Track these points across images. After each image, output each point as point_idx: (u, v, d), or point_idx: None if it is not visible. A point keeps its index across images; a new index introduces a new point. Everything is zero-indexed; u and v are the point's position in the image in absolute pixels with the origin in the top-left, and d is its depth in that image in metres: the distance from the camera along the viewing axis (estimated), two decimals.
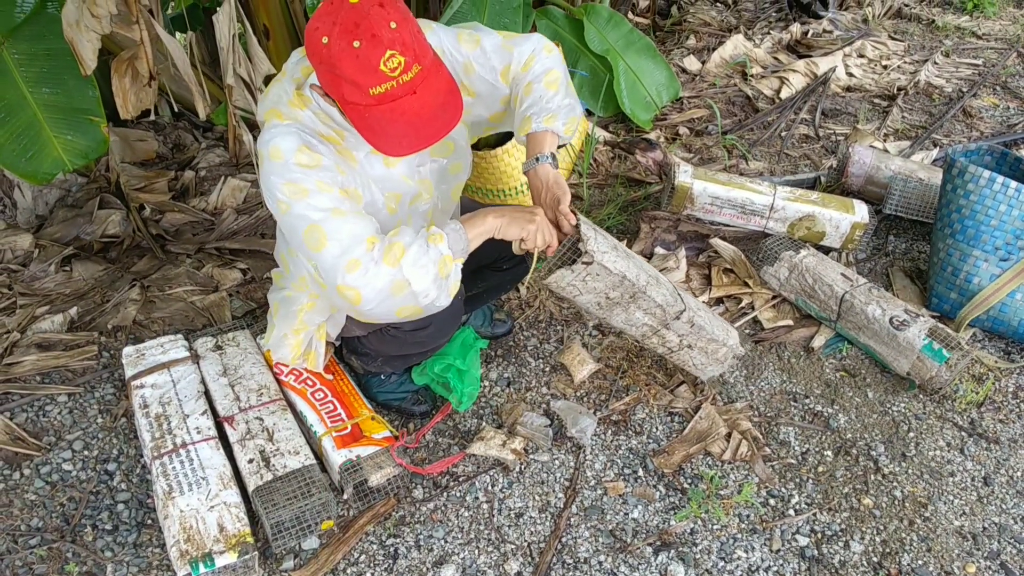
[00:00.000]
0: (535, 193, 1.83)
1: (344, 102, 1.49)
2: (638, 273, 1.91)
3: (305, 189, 1.56)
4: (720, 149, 3.48)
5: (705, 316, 2.11)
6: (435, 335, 1.92)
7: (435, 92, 1.51)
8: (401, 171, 1.79)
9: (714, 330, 2.11)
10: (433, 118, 1.51)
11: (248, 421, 1.98)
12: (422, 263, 1.58)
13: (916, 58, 4.52)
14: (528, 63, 1.83)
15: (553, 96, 1.80)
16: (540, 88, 1.80)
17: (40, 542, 1.83)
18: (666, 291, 2.00)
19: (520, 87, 1.83)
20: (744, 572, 1.82)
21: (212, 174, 3.23)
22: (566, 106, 1.83)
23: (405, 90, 1.47)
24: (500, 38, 1.83)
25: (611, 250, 1.85)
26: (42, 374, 2.27)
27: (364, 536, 1.87)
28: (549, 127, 1.79)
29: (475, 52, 1.80)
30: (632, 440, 2.13)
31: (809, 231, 2.70)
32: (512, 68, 1.83)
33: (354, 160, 1.69)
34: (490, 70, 1.82)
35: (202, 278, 2.67)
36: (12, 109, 2.33)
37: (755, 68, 4.26)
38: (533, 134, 1.80)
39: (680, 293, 2.06)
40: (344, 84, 1.45)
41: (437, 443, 2.11)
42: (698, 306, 2.13)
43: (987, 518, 1.95)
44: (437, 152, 1.88)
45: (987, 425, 2.19)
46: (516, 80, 1.84)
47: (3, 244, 2.76)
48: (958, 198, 2.41)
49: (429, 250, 1.60)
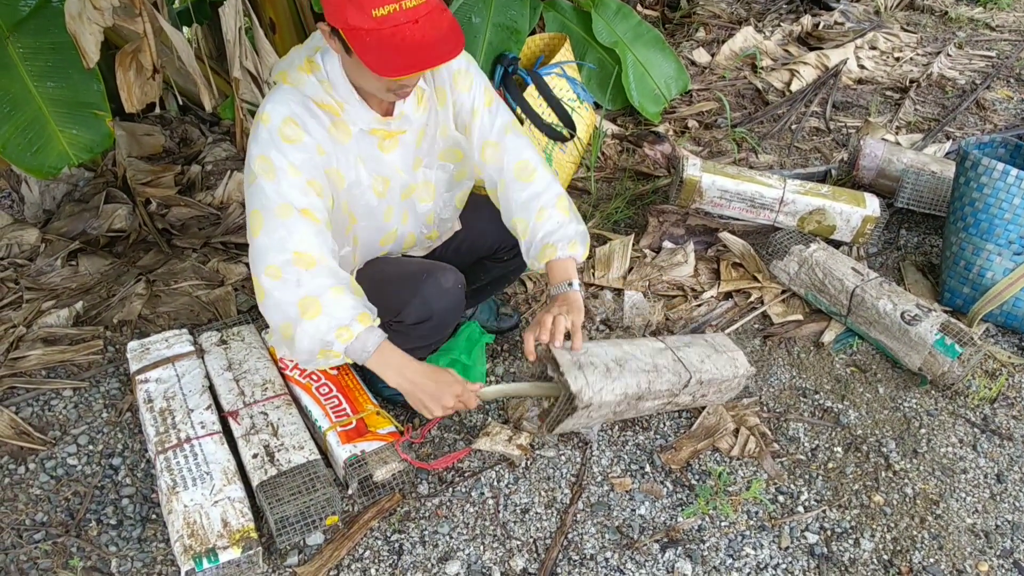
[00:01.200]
0: (556, 303, 1.86)
1: (347, 28, 1.48)
2: (637, 380, 1.87)
3: (275, 169, 1.61)
4: (729, 142, 3.44)
5: (710, 364, 2.00)
6: (438, 327, 1.91)
7: (436, 26, 1.50)
8: (395, 159, 1.79)
9: (722, 371, 2.01)
10: (432, 47, 1.49)
11: (252, 416, 1.97)
12: (313, 337, 1.61)
13: (929, 50, 4.47)
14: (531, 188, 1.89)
15: (568, 222, 1.88)
16: (555, 214, 1.87)
17: (45, 537, 1.83)
18: (668, 372, 1.93)
19: (531, 212, 1.87)
20: (752, 570, 1.80)
21: (218, 168, 3.22)
22: (582, 232, 1.91)
23: (407, 16, 1.46)
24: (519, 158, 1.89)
25: (603, 377, 1.82)
26: (48, 368, 2.27)
27: (369, 532, 1.86)
28: (573, 254, 1.88)
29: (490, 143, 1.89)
30: (639, 436, 2.10)
31: (819, 225, 2.67)
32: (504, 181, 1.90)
33: (348, 134, 1.70)
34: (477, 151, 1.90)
35: (208, 272, 2.66)
36: (17, 103, 2.32)
37: (765, 60, 4.22)
38: (557, 262, 1.87)
39: (681, 359, 1.97)
40: (348, 6, 1.45)
41: (442, 438, 2.10)
42: (700, 359, 2.00)
43: (1000, 516, 1.92)
44: (445, 158, 1.89)
45: (1000, 421, 2.16)
46: (517, 199, 1.89)
47: (10, 239, 2.76)
48: (971, 191, 2.38)
49: (331, 339, 1.62)
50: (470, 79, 1.84)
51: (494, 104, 1.89)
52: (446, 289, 1.84)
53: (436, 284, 1.82)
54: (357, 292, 1.71)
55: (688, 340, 2.08)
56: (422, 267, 1.88)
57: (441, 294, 1.83)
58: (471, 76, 1.84)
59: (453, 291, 1.86)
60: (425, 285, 1.82)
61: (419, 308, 1.82)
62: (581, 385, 1.78)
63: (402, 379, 1.70)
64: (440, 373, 1.75)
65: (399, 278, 1.86)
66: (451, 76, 1.81)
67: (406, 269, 1.90)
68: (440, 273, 1.85)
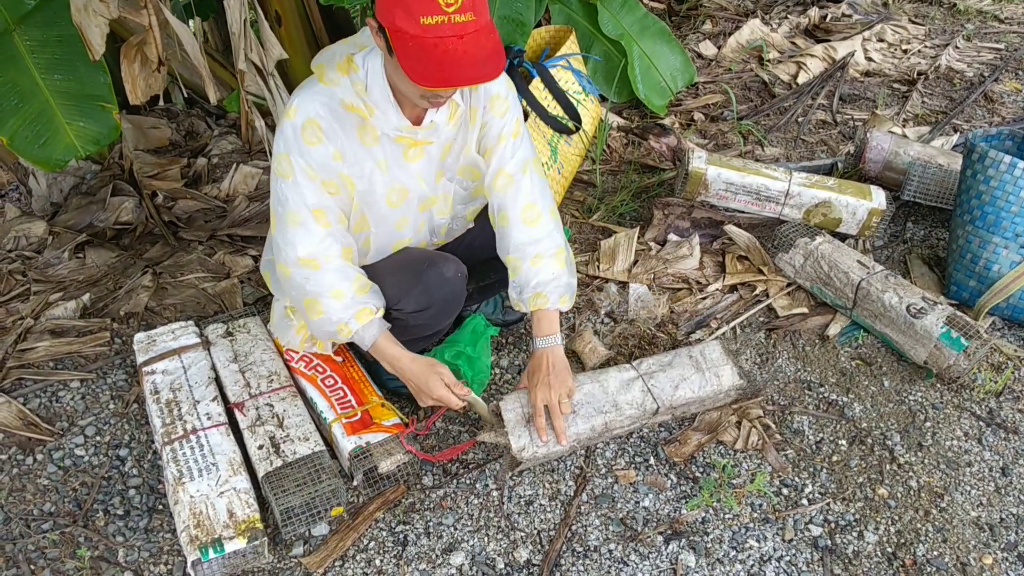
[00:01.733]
0: (540, 370, 1.87)
1: (393, 29, 1.49)
2: (591, 425, 1.90)
3: (291, 171, 1.70)
4: (735, 135, 3.43)
5: (686, 388, 2.00)
6: (437, 316, 1.93)
7: (480, 46, 1.51)
8: (419, 168, 1.81)
9: (701, 392, 2.00)
10: (471, 65, 1.51)
11: (258, 407, 1.98)
12: (320, 331, 1.84)
13: (937, 42, 4.44)
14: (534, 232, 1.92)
15: (562, 275, 1.92)
16: (551, 264, 1.91)
17: (52, 527, 1.85)
18: (631, 408, 1.94)
19: (527, 257, 1.91)
20: (756, 562, 1.80)
21: (224, 161, 3.23)
22: (573, 287, 1.96)
23: (454, 31, 1.47)
24: (528, 203, 1.92)
25: (550, 429, 1.86)
26: (55, 360, 2.28)
27: (374, 523, 1.87)
28: (561, 307, 1.92)
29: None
30: (643, 429, 2.11)
31: (825, 218, 2.66)
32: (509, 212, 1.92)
33: (376, 139, 1.73)
34: (490, 177, 1.92)
35: (214, 265, 2.67)
36: (24, 95, 2.33)
37: (772, 53, 4.20)
38: (546, 312, 1.90)
39: (651, 388, 1.98)
40: (398, 8, 1.46)
41: (447, 430, 2.10)
42: (675, 385, 2.00)
43: (1005, 509, 1.92)
44: (464, 174, 1.92)
45: (1006, 415, 2.16)
46: (518, 240, 1.92)
47: (18, 231, 2.78)
48: (978, 184, 2.37)
49: (334, 331, 1.79)
50: (507, 106, 1.86)
51: (520, 137, 1.91)
52: (447, 278, 1.86)
53: (438, 273, 1.85)
54: (361, 288, 1.77)
55: (669, 360, 2.07)
56: (424, 256, 1.90)
57: (442, 283, 1.86)
58: (508, 104, 1.87)
59: (454, 280, 1.88)
60: (426, 274, 1.84)
61: (419, 296, 1.85)
62: (524, 443, 1.84)
63: (396, 370, 1.83)
64: (429, 372, 1.80)
65: (401, 267, 1.88)
66: (488, 99, 1.83)
67: (408, 258, 1.92)
68: (442, 262, 1.87)
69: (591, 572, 1.77)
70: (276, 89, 2.62)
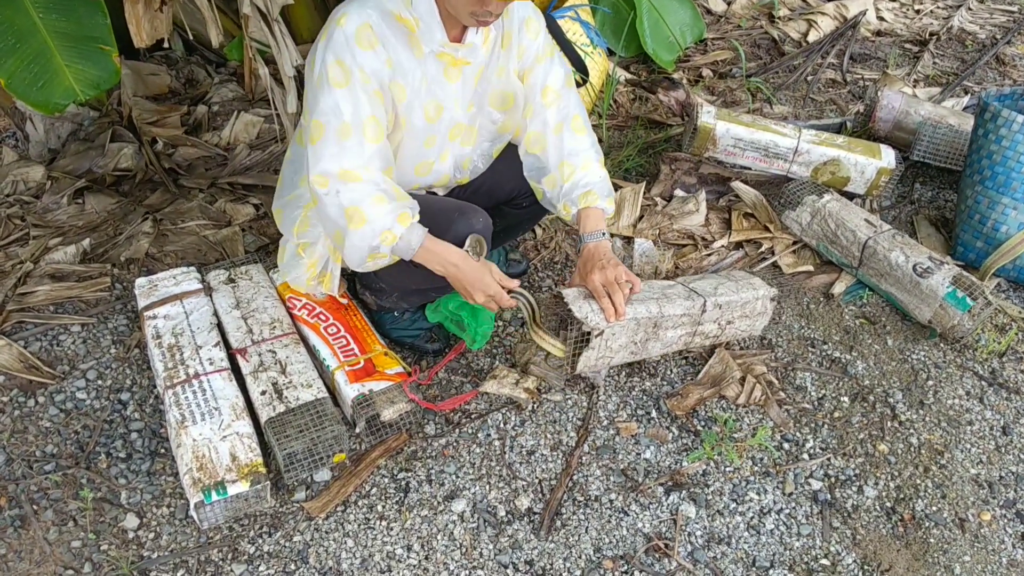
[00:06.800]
0: (593, 258, 1.88)
1: None
2: (647, 307, 1.88)
3: (348, 79, 1.65)
4: (744, 92, 3.39)
5: (724, 289, 2.02)
6: None
7: None
8: (456, 89, 1.83)
9: (740, 294, 2.02)
10: None
11: (261, 354, 1.97)
12: (361, 243, 1.69)
13: (950, 3, 4.37)
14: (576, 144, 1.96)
15: (607, 180, 1.98)
16: (598, 169, 1.96)
17: (55, 468, 1.85)
18: (680, 298, 1.95)
19: (580, 161, 1.94)
20: (756, 514, 1.81)
21: (225, 109, 3.18)
22: (611, 189, 2.00)
23: None
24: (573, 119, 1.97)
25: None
26: (55, 304, 2.27)
27: (376, 470, 1.87)
28: (607, 208, 1.96)
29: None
30: (646, 382, 2.11)
31: (833, 176, 2.64)
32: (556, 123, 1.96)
33: (420, 52, 1.73)
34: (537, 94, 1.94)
35: (215, 213, 2.64)
36: (22, 36, 2.27)
37: (783, 10, 4.13)
38: (594, 210, 1.93)
39: (692, 288, 2.00)
40: None
41: (450, 381, 2.10)
42: (713, 287, 2.03)
43: (1004, 467, 1.93)
44: (495, 103, 1.91)
45: (1008, 375, 2.16)
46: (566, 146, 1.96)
47: (16, 176, 2.74)
48: (989, 143, 2.34)
49: (377, 243, 1.69)
50: (539, 26, 1.90)
51: (556, 55, 1.95)
52: (477, 230, 1.84)
53: (467, 223, 1.83)
54: (401, 196, 1.74)
55: (699, 277, 2.12)
56: (454, 205, 1.89)
57: (471, 233, 1.84)
58: (539, 24, 1.90)
59: (483, 232, 1.87)
60: (457, 223, 1.82)
61: (451, 242, 1.82)
62: (587, 312, 1.81)
63: (447, 266, 1.76)
64: (484, 269, 1.79)
65: (432, 213, 1.84)
66: (521, 21, 1.86)
67: (440, 205, 1.90)
68: (472, 213, 1.87)
69: (592, 520, 1.78)
70: (281, 35, 2.57)
